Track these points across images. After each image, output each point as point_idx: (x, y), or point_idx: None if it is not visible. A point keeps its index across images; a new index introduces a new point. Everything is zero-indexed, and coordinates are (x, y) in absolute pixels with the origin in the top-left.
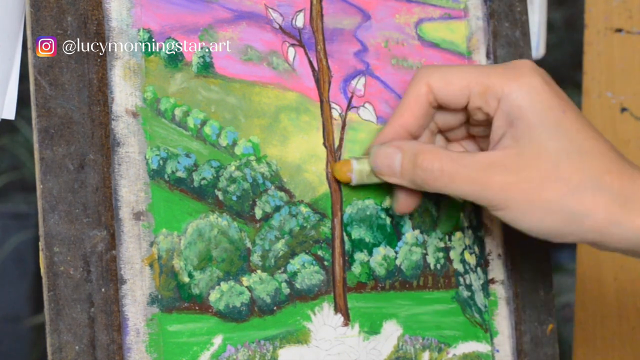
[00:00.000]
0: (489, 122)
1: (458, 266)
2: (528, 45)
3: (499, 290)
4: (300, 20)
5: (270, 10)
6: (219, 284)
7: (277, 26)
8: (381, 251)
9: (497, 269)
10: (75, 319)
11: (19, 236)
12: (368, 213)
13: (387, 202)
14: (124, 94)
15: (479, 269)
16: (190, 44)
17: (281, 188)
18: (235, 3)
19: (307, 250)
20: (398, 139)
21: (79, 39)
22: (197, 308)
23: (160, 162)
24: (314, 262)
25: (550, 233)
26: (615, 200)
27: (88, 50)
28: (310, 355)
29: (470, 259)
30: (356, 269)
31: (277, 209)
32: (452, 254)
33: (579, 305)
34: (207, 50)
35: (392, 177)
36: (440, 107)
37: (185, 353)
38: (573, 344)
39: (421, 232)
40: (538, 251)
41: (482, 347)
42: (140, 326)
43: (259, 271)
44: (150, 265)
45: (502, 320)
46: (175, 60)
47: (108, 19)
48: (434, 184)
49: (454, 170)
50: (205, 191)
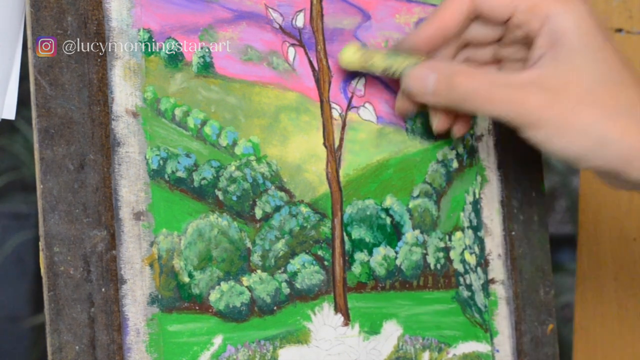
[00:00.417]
0: (525, 43)
1: (458, 266)
2: None
3: (499, 290)
4: (300, 20)
5: (270, 10)
6: (219, 284)
7: (277, 26)
8: (381, 251)
9: (497, 269)
10: (76, 319)
11: (19, 236)
12: (368, 213)
13: (387, 202)
14: (124, 94)
15: (479, 269)
16: (190, 44)
17: (281, 188)
18: (235, 3)
19: (307, 250)
20: (428, 45)
21: (79, 39)
22: (197, 308)
23: (161, 162)
24: (314, 262)
25: (578, 156)
26: None
27: (88, 50)
28: (310, 355)
29: (470, 259)
30: (356, 269)
31: (277, 209)
32: (452, 254)
33: (579, 305)
34: (207, 50)
35: (426, 96)
36: (478, 19)
37: (185, 353)
38: (573, 344)
39: (421, 232)
40: (538, 251)
41: (482, 347)
42: (140, 326)
43: (259, 271)
44: (151, 265)
45: (502, 320)
46: (175, 60)
47: (108, 19)
48: (471, 105)
49: (491, 91)
50: (206, 191)
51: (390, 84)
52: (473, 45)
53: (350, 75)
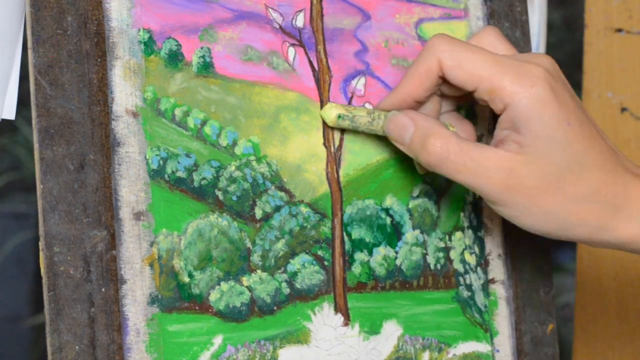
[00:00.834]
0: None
1: (458, 266)
2: (528, 45)
3: (499, 290)
4: (300, 20)
5: (270, 10)
6: (219, 284)
7: (277, 26)
8: (381, 251)
9: (497, 269)
10: (75, 319)
11: (19, 236)
12: (368, 213)
13: (387, 202)
14: (124, 94)
15: (479, 269)
16: (190, 44)
17: (281, 188)
18: (235, 3)
19: (307, 250)
20: (403, 106)
21: (79, 39)
22: (197, 308)
23: (161, 162)
24: (314, 262)
25: (546, 233)
26: (607, 210)
27: (88, 50)
28: (310, 355)
29: (470, 259)
30: (356, 269)
31: (277, 209)
32: (452, 254)
33: (579, 305)
34: (207, 50)
35: (401, 146)
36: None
37: (185, 353)
38: (573, 344)
39: (421, 232)
40: (538, 251)
41: (482, 347)
42: (140, 326)
43: (259, 271)
44: (151, 265)
45: (502, 320)
46: (175, 60)
47: (108, 19)
48: (440, 169)
49: (461, 162)
50: (206, 191)
51: (390, 84)
52: (448, 97)
53: (350, 75)
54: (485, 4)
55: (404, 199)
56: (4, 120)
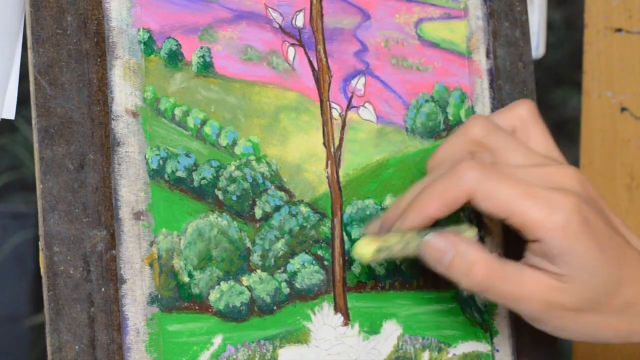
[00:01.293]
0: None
1: None
2: (528, 45)
3: None
4: (300, 20)
5: (270, 10)
6: (219, 284)
7: (277, 26)
8: None
9: None
10: (75, 319)
11: (19, 236)
12: (368, 213)
13: (387, 202)
14: (124, 94)
15: None
16: (190, 44)
17: (281, 188)
18: (235, 3)
19: (307, 250)
20: (426, 225)
21: (79, 39)
22: (197, 308)
23: (161, 162)
24: (314, 262)
25: (579, 341)
26: (638, 318)
27: (88, 50)
28: (310, 355)
29: None
30: (356, 269)
31: (277, 209)
32: None
33: None
34: (207, 50)
35: (441, 269)
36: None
37: (185, 353)
38: (573, 344)
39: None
40: None
41: (482, 347)
42: (140, 326)
43: (259, 271)
44: (151, 265)
45: (502, 320)
46: (175, 60)
47: (108, 19)
48: (480, 294)
49: (505, 289)
50: (206, 191)
51: (390, 84)
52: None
53: (350, 75)
54: (485, 4)
55: None
56: (4, 120)
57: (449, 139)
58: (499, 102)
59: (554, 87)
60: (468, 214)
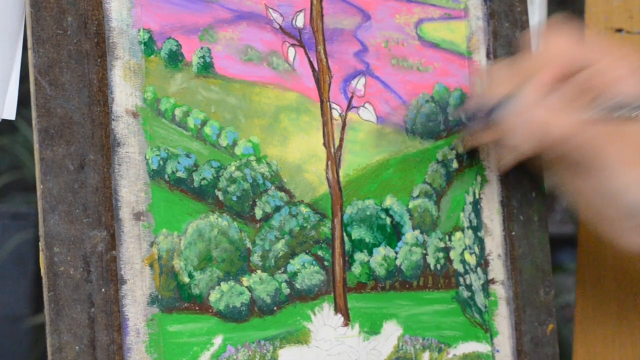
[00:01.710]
0: None
1: (458, 266)
2: (528, 45)
3: (499, 290)
4: (300, 20)
5: (270, 10)
6: (219, 284)
7: (277, 26)
8: (381, 251)
9: (497, 269)
10: (75, 319)
11: (19, 236)
12: (368, 213)
13: (387, 202)
14: (124, 94)
15: (479, 269)
16: (190, 44)
17: (281, 188)
18: (235, 3)
19: (307, 251)
20: None
21: (79, 39)
22: (197, 308)
23: (161, 162)
24: (314, 262)
25: None
26: None
27: (88, 50)
28: (310, 356)
29: (470, 259)
30: (356, 269)
31: (277, 209)
32: (452, 254)
33: (579, 305)
34: (207, 50)
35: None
36: None
37: (185, 353)
38: (573, 344)
39: (421, 232)
40: (538, 251)
41: (482, 347)
42: (140, 326)
43: (259, 271)
44: (150, 266)
45: (502, 320)
46: (175, 60)
47: (108, 19)
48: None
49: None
50: (206, 191)
51: (390, 84)
52: None
53: (350, 75)
54: (485, 4)
55: (404, 199)
56: (4, 120)
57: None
58: None
59: None
60: (468, 214)
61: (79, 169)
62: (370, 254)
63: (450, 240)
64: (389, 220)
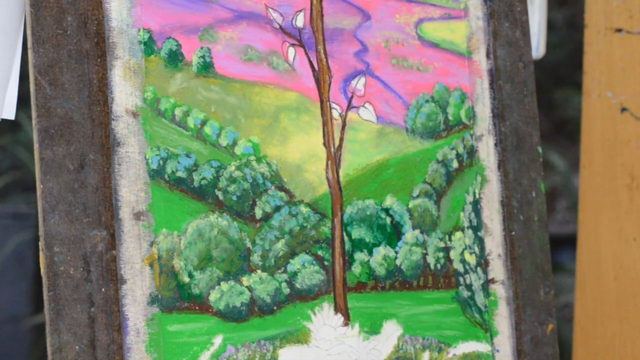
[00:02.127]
0: None
1: (458, 266)
2: (528, 45)
3: (499, 290)
4: (300, 20)
5: (270, 10)
6: (219, 284)
7: (277, 26)
8: (381, 251)
9: (497, 269)
10: (75, 319)
11: (19, 236)
12: (368, 213)
13: (387, 202)
14: (124, 94)
15: (479, 269)
16: (190, 44)
17: (281, 188)
18: (235, 3)
19: (307, 250)
20: None
21: (79, 39)
22: (197, 308)
23: (161, 162)
24: (314, 262)
25: None
26: None
27: (88, 50)
28: (310, 355)
29: (470, 259)
30: (356, 269)
31: (277, 209)
32: (452, 254)
33: (579, 305)
34: (207, 50)
35: None
36: None
37: (185, 353)
38: (573, 344)
39: (421, 232)
40: (538, 251)
41: (482, 347)
42: (140, 326)
43: (259, 271)
44: (151, 265)
45: (502, 320)
46: (175, 60)
47: (108, 19)
48: None
49: None
50: (206, 191)
51: (390, 84)
52: None
53: (350, 75)
54: (485, 4)
55: (404, 199)
56: (4, 120)
57: None
58: (499, 102)
59: (554, 87)
60: (468, 214)
61: (79, 168)
62: (370, 253)
63: (450, 240)
64: (389, 220)
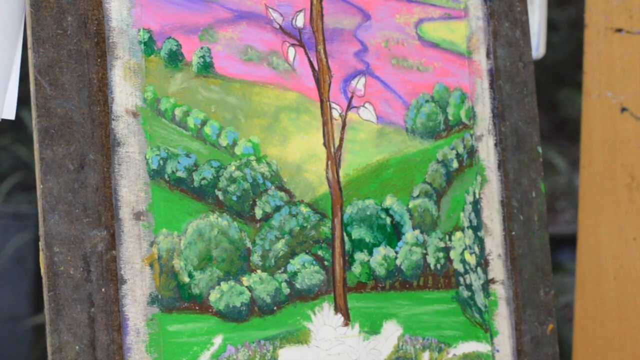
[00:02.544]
0: None
1: (458, 266)
2: (528, 45)
3: (499, 290)
4: (300, 20)
5: (270, 10)
6: (219, 284)
7: (277, 26)
8: (381, 251)
9: (497, 269)
10: (75, 319)
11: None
12: (368, 213)
13: (387, 202)
14: (124, 94)
15: (479, 269)
16: (190, 44)
17: (281, 188)
18: (235, 3)
19: (307, 250)
20: None
21: (79, 39)
22: (197, 308)
23: (161, 162)
24: (314, 262)
25: None
26: None
27: (88, 50)
28: (310, 355)
29: (470, 259)
30: (356, 269)
31: (277, 209)
32: (452, 254)
33: (579, 305)
34: (207, 50)
35: None
36: None
37: (185, 353)
38: (573, 344)
39: (421, 232)
40: (538, 251)
41: (482, 347)
42: (140, 326)
43: (259, 271)
44: (151, 265)
45: (502, 320)
46: (175, 60)
47: (108, 19)
48: None
49: None
50: (206, 191)
51: (390, 84)
52: None
53: (350, 75)
54: (485, 4)
55: (404, 199)
56: (4, 120)
57: None
58: (499, 102)
59: (554, 87)
60: (468, 214)
61: (79, 168)
62: (371, 253)
63: (450, 240)
64: (389, 220)
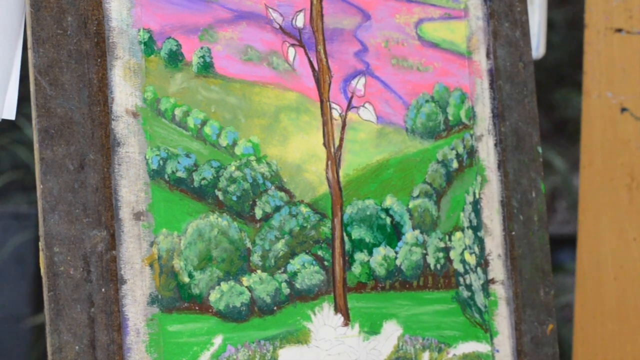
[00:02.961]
0: None
1: (458, 266)
2: (528, 45)
3: (499, 290)
4: (300, 20)
5: (270, 10)
6: (219, 284)
7: (277, 26)
8: (381, 251)
9: (497, 269)
10: (75, 319)
11: (20, 236)
12: (368, 213)
13: (387, 202)
14: (124, 94)
15: (479, 269)
16: (190, 44)
17: (281, 188)
18: (235, 3)
19: (307, 250)
20: None
21: (79, 39)
22: (197, 308)
23: (161, 162)
24: (314, 262)
25: None
26: None
27: (88, 50)
28: (310, 355)
29: (470, 259)
30: (356, 269)
31: (277, 209)
32: (452, 254)
33: (579, 305)
34: (207, 50)
35: None
36: None
37: (185, 353)
38: (573, 344)
39: (421, 232)
40: (538, 251)
41: (482, 347)
42: (140, 326)
43: (259, 271)
44: (151, 265)
45: (502, 320)
46: (175, 60)
47: (108, 19)
48: None
49: None
50: (206, 191)
51: (390, 84)
52: None
53: (350, 75)
54: (485, 4)
55: (404, 199)
56: (4, 120)
57: None
58: (499, 102)
59: (554, 87)
60: (468, 214)
61: (79, 169)
62: (370, 253)
63: (450, 240)
64: (389, 220)
